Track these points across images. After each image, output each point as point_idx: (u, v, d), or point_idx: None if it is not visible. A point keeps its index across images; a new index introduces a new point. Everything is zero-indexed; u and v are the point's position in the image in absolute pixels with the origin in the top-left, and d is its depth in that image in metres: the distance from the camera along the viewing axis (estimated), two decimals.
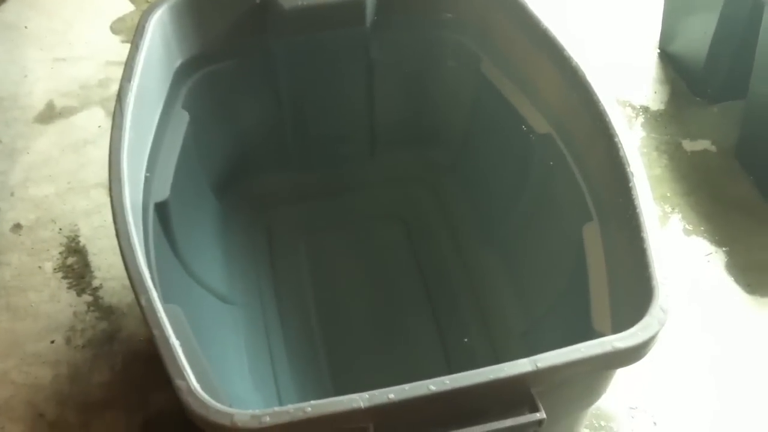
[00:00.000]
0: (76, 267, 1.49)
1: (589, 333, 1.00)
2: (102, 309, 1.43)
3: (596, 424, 1.27)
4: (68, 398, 1.32)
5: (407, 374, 1.20)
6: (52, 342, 1.38)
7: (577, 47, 1.13)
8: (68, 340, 1.39)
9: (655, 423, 1.29)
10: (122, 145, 0.99)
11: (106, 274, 1.48)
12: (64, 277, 1.48)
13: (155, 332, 0.82)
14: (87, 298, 1.45)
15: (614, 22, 2.02)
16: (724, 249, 1.52)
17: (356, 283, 1.37)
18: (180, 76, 1.22)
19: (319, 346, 1.27)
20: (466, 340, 1.27)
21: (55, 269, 1.49)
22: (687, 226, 1.57)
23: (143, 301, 0.84)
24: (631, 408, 1.30)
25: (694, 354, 1.37)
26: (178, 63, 1.21)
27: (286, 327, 1.29)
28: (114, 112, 1.02)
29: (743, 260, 1.50)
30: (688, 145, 1.73)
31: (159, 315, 0.83)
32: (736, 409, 1.30)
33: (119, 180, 0.96)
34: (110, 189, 0.95)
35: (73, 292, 1.46)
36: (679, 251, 1.53)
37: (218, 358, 1.14)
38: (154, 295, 0.85)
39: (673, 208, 1.60)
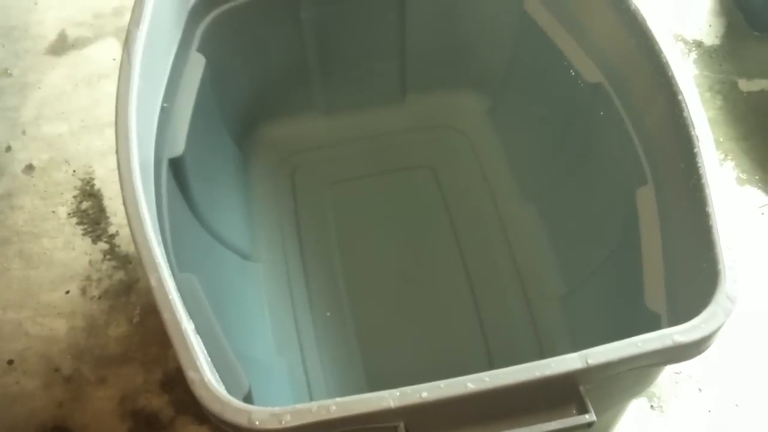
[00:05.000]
0: (91, 212, 1.43)
1: (638, 308, 0.92)
2: (119, 258, 1.37)
3: None
4: (84, 352, 1.27)
5: (436, 337, 1.16)
6: (67, 292, 1.33)
7: None
8: (84, 291, 1.33)
9: (700, 389, 1.21)
10: (130, 98, 0.90)
11: (123, 220, 1.41)
12: (78, 223, 1.41)
13: (166, 316, 0.74)
14: (103, 245, 1.38)
15: None
16: None
17: (385, 238, 1.28)
18: (194, 16, 1.11)
19: (345, 306, 1.19)
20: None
21: (69, 214, 1.42)
22: (741, 175, 1.46)
23: (153, 281, 0.76)
24: (675, 373, 1.23)
25: (744, 315, 1.28)
26: (192, 2, 1.11)
27: (312, 285, 1.21)
28: (121, 61, 0.92)
29: None
30: (745, 85, 1.60)
31: (170, 297, 0.75)
32: None
33: (127, 138, 0.86)
34: (117, 148, 0.86)
35: (88, 239, 1.39)
36: (731, 202, 1.42)
37: (239, 322, 1.08)
38: (166, 273, 0.77)
39: (726, 155, 1.48)
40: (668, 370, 1.23)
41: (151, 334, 1.28)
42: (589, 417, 0.72)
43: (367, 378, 1.12)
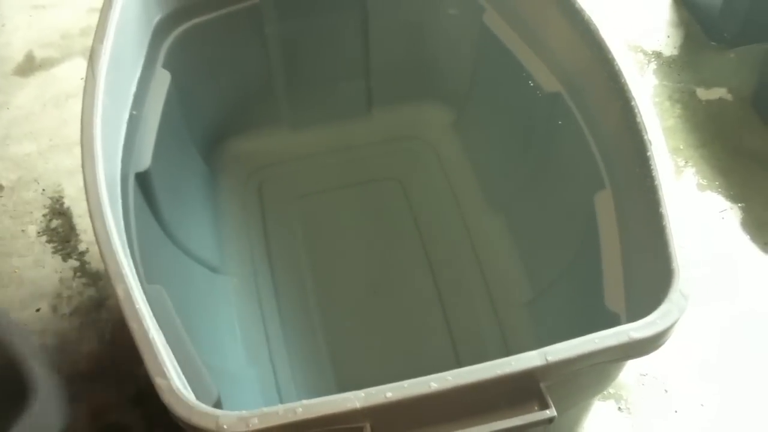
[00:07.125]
0: (60, 230, 1.43)
1: (600, 309, 0.94)
2: (89, 275, 1.37)
3: (605, 392, 1.22)
4: (56, 369, 1.26)
5: (406, 346, 1.18)
6: (38, 310, 1.33)
7: None
8: (54, 308, 1.33)
9: (666, 390, 1.24)
10: (95, 113, 0.91)
11: (93, 237, 1.39)
12: (48, 241, 1.41)
13: (133, 326, 0.76)
14: (73, 263, 1.38)
15: None
16: (739, 205, 1.45)
17: (353, 249, 1.30)
18: (159, 32, 1.12)
19: (315, 317, 1.20)
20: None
21: (38, 233, 1.42)
22: (701, 181, 1.49)
23: (120, 291, 0.78)
24: (642, 375, 1.25)
25: (707, 317, 1.31)
26: (157, 18, 1.12)
27: (281, 297, 1.23)
28: (86, 77, 0.94)
29: (760, 217, 1.43)
30: (703, 94, 1.64)
31: (137, 307, 0.76)
32: (751, 376, 1.25)
33: (92, 154, 0.88)
34: (83, 165, 0.88)
35: (58, 257, 1.39)
36: (692, 208, 1.46)
37: (209, 334, 1.09)
38: (132, 283, 0.79)
39: (686, 162, 1.52)
40: (634, 372, 1.25)
41: (123, 351, 1.28)
42: (550, 412, 0.74)
43: (338, 387, 1.13)
